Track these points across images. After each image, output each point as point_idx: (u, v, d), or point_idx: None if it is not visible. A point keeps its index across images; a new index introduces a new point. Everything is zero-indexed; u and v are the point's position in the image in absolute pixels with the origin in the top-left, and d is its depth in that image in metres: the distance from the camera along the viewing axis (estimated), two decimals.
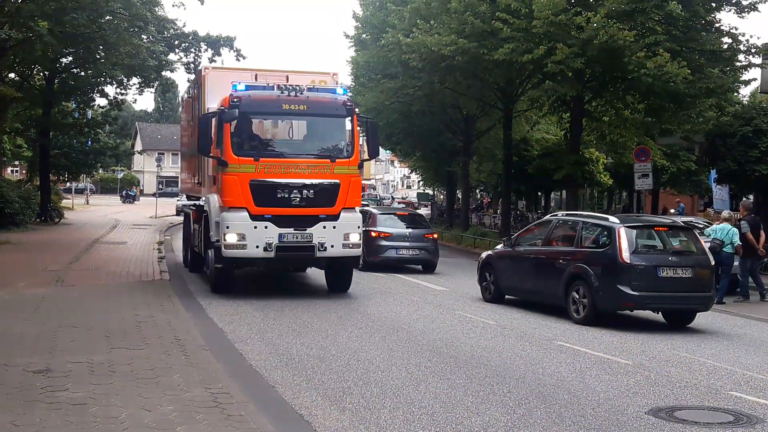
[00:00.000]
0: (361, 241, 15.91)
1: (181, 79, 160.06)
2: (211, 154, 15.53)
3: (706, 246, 17.14)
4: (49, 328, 11.09)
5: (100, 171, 70.65)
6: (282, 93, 15.23)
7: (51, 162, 39.17)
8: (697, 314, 14.33)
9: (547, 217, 17.99)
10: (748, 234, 17.53)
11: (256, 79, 16.30)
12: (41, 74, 36.47)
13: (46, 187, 37.88)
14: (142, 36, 31.94)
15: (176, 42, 36.77)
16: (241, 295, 15.75)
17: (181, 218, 48.40)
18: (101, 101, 40.56)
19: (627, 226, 13.80)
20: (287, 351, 10.58)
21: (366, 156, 17.23)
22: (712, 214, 28.01)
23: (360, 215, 15.98)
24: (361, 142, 16.64)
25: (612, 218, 14.60)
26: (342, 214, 15.34)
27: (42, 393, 7.73)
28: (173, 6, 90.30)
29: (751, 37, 26.67)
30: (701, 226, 20.00)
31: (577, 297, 13.95)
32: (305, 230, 15.09)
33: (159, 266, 20.04)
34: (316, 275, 18.62)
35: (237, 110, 14.87)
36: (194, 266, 19.40)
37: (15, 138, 41.41)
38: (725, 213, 19.04)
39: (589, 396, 8.77)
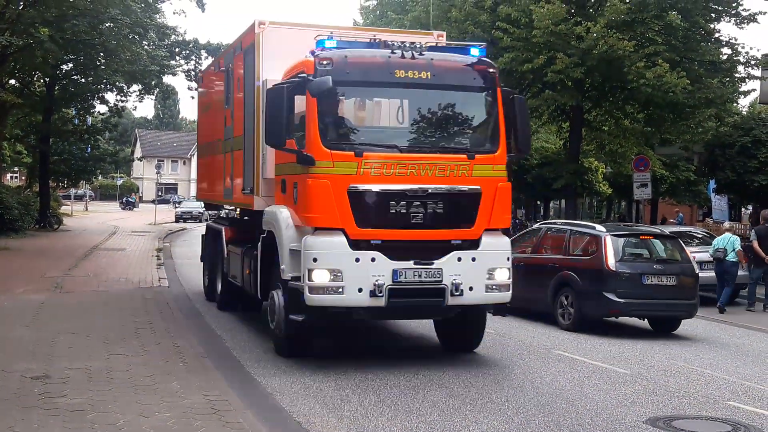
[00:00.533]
0: (512, 280, 10.61)
1: (181, 86, 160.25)
2: (286, 147, 10.24)
3: (706, 255, 17.38)
4: (48, 335, 11.10)
5: (100, 178, 70.80)
6: (393, 53, 10.22)
7: (50, 168, 39.23)
8: (698, 323, 14.41)
9: (536, 225, 18.13)
10: (754, 243, 17.60)
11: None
12: (42, 81, 36.54)
13: (46, 194, 37.93)
14: (143, 43, 32.02)
15: (177, 49, 36.87)
16: None
17: (180, 225, 49.03)
18: (101, 108, 40.67)
19: (613, 235, 14.15)
20: (285, 359, 10.56)
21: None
22: (711, 224, 28.06)
23: (509, 241, 10.82)
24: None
25: (599, 227, 14.93)
26: (484, 239, 10.30)
27: (40, 399, 7.73)
28: (174, 13, 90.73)
29: (751, 48, 26.82)
30: (700, 236, 20.09)
31: (565, 303, 14.22)
32: (431, 264, 10.01)
33: (158, 273, 20.06)
34: None
35: (330, 78, 9.80)
36: (228, 303, 14.65)
37: (15, 144, 41.46)
38: (726, 224, 19.21)
39: (588, 405, 8.77)
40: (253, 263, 11.83)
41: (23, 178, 60.65)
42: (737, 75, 27.60)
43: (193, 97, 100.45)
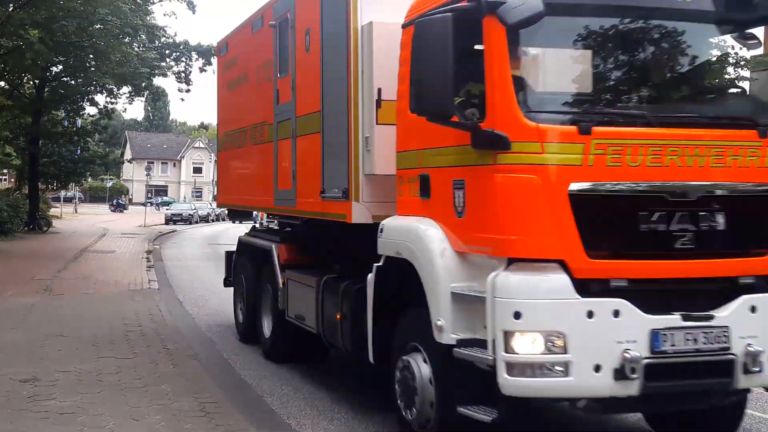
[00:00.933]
0: None
1: (171, 88, 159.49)
2: (452, 120, 5.87)
3: None
4: (37, 337, 11.03)
5: (89, 180, 70.61)
6: None
7: (40, 170, 39.17)
8: None
9: None
10: None
11: None
12: (31, 83, 36.43)
13: (35, 196, 37.87)
14: (133, 44, 31.96)
15: (167, 51, 36.82)
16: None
17: (170, 227, 48.87)
18: (91, 110, 40.66)
19: None
20: (276, 361, 10.51)
21: None
22: None
23: None
24: None
25: None
26: None
27: (29, 402, 7.67)
28: (164, 15, 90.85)
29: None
30: None
31: None
32: (709, 318, 5.74)
33: (148, 275, 19.97)
34: None
35: (541, 3, 5.49)
36: (286, 353, 10.32)
37: (4, 146, 41.37)
38: None
39: None
40: (351, 306, 7.72)
41: (12, 180, 60.49)
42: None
43: (183, 99, 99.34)
